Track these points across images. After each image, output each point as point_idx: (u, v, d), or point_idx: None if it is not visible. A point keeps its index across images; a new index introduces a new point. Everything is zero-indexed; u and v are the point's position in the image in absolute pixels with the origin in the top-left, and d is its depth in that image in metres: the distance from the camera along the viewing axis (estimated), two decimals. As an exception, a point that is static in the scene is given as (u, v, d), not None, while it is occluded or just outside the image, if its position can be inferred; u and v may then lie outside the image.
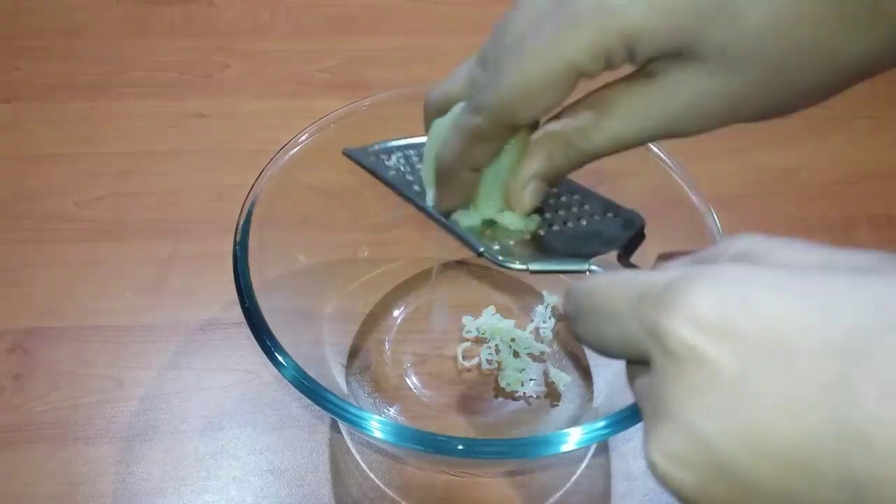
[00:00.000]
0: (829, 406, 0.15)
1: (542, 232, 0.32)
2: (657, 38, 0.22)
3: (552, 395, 0.46)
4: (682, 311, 0.17)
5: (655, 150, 0.43)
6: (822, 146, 0.64)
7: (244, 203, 0.39)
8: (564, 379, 0.46)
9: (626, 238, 0.30)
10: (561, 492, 0.43)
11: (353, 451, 0.44)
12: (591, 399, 0.45)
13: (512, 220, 0.31)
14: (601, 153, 0.27)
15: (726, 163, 0.62)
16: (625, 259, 0.29)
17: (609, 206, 0.32)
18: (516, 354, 0.47)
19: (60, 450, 0.43)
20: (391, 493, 0.42)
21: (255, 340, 0.34)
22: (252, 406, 0.46)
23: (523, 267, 0.29)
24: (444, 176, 0.30)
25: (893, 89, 0.68)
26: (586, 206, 0.33)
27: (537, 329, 0.49)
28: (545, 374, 0.47)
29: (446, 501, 0.42)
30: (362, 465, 0.43)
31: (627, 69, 0.25)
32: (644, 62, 0.24)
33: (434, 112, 0.31)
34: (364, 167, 0.37)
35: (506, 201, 0.30)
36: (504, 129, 0.27)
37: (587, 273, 0.29)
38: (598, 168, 0.32)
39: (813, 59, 0.22)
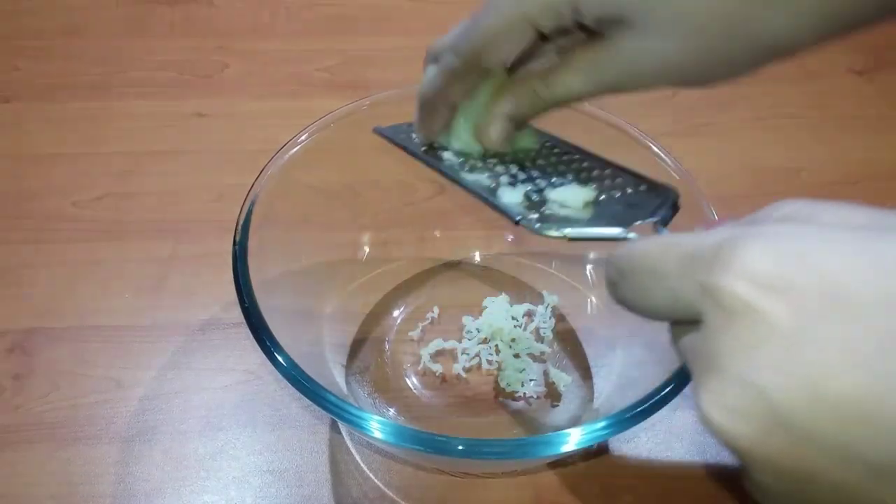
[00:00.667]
0: (889, 356, 0.15)
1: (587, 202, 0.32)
2: (595, 2, 0.27)
3: (552, 395, 0.46)
4: (737, 267, 0.17)
5: (656, 149, 0.43)
6: (822, 146, 0.63)
7: (244, 203, 0.39)
8: (565, 379, 0.46)
9: (663, 208, 0.30)
10: (561, 493, 0.43)
11: (353, 451, 0.44)
12: (591, 399, 0.45)
13: (571, 194, 0.32)
14: (559, 101, 0.31)
15: (726, 163, 0.62)
16: (662, 227, 0.29)
17: (642, 180, 0.33)
18: (516, 355, 0.47)
19: (60, 450, 0.43)
20: (391, 494, 0.42)
21: (254, 340, 0.34)
22: (252, 406, 0.46)
23: (560, 234, 0.29)
24: (424, 108, 0.36)
25: (894, 89, 0.68)
26: (619, 180, 0.33)
27: (537, 329, 0.49)
28: (545, 374, 0.47)
29: (446, 502, 0.42)
30: (362, 465, 0.43)
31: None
32: (594, 25, 0.28)
33: (430, 59, 0.35)
34: (396, 143, 0.39)
35: (475, 136, 0.35)
36: (474, 69, 0.32)
37: (625, 240, 0.28)
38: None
39: (732, 30, 0.25)
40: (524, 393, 0.46)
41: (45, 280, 0.52)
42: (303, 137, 0.43)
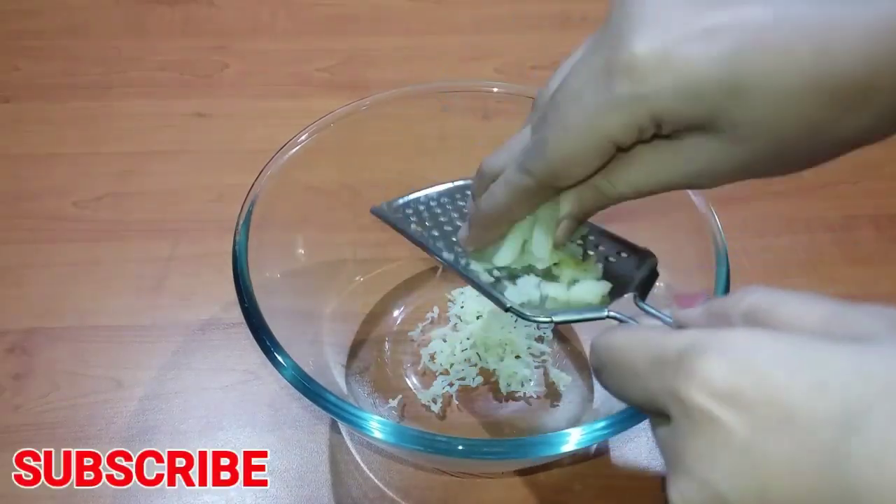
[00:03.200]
0: (828, 470, 0.17)
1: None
2: (680, 117, 0.25)
3: (552, 395, 0.46)
4: (697, 380, 0.19)
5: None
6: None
7: (244, 203, 0.39)
8: (565, 379, 0.46)
9: (639, 279, 0.32)
10: (561, 493, 0.43)
11: (353, 451, 0.44)
12: (591, 399, 0.45)
13: (587, 291, 0.33)
14: (623, 198, 0.30)
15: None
16: (640, 300, 0.31)
17: (622, 245, 0.34)
18: (516, 355, 0.47)
19: (60, 450, 0.43)
20: (391, 494, 0.42)
21: (254, 340, 0.34)
22: (251, 406, 0.46)
23: (547, 319, 0.31)
24: (484, 225, 0.33)
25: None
26: (601, 248, 0.35)
27: (538, 329, 0.49)
28: (545, 374, 0.47)
29: (446, 502, 0.42)
30: (362, 465, 0.43)
31: None
32: (669, 132, 0.27)
33: (488, 177, 0.33)
34: (393, 226, 0.38)
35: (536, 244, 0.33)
36: (549, 189, 0.30)
37: (606, 318, 0.30)
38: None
39: (811, 135, 0.25)
40: (524, 393, 0.46)
41: (45, 280, 0.52)
42: (303, 137, 0.43)
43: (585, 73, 0.27)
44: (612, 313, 0.30)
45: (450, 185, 0.40)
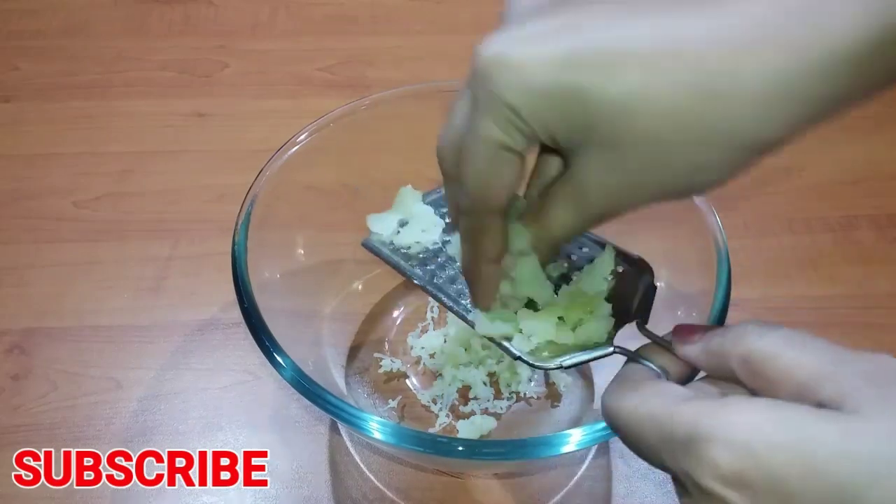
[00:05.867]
0: None
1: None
2: (540, 117, 0.25)
3: (553, 395, 0.46)
4: (706, 466, 0.21)
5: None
6: (822, 146, 0.63)
7: (243, 203, 0.39)
8: (565, 380, 0.46)
9: (639, 301, 0.32)
10: (561, 493, 0.43)
11: (353, 452, 0.44)
12: (591, 400, 0.45)
13: (594, 328, 0.32)
14: (561, 239, 0.29)
15: (727, 162, 0.61)
16: (643, 327, 0.31)
17: (618, 259, 0.33)
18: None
19: (60, 450, 0.43)
20: (391, 495, 0.42)
21: (254, 341, 0.34)
22: (251, 406, 0.46)
23: (556, 365, 0.31)
24: (469, 275, 0.32)
25: (894, 89, 0.68)
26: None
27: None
28: (546, 374, 0.47)
29: (446, 503, 0.42)
30: (362, 466, 0.43)
31: None
32: (563, 150, 0.27)
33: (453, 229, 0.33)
34: (383, 258, 0.37)
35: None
36: (488, 214, 0.29)
37: (613, 354, 0.30)
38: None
39: (678, 130, 0.24)
40: (524, 393, 0.46)
41: (45, 280, 0.52)
42: (302, 137, 0.43)
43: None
44: (618, 349, 0.30)
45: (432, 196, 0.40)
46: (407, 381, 0.47)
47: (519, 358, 0.31)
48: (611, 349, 0.31)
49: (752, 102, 0.23)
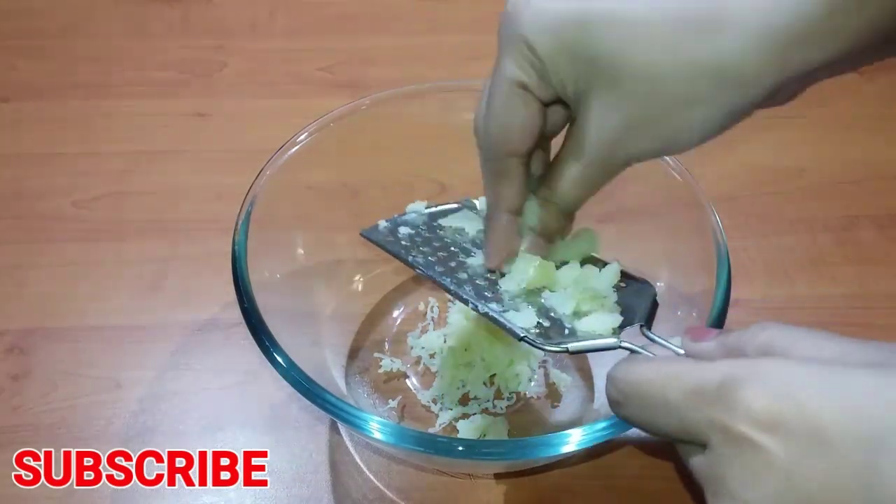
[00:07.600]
0: (861, 487, 0.19)
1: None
2: (552, 52, 0.28)
3: (553, 395, 0.46)
4: (741, 410, 0.21)
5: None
6: (823, 145, 0.63)
7: (243, 203, 0.39)
8: (565, 380, 0.46)
9: (644, 309, 0.33)
10: (561, 493, 0.42)
11: (353, 452, 0.44)
12: (591, 400, 0.45)
13: (600, 323, 0.32)
14: (568, 200, 0.32)
15: (727, 163, 0.61)
16: (646, 329, 0.31)
17: (621, 277, 0.34)
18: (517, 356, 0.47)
19: (60, 450, 0.43)
20: (391, 495, 0.42)
21: (254, 341, 0.34)
22: (251, 406, 0.46)
23: (563, 349, 0.31)
24: (487, 227, 0.34)
25: (894, 89, 0.68)
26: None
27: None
28: (546, 374, 0.47)
29: (446, 503, 0.42)
30: (362, 466, 0.43)
31: None
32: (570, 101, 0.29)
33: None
34: (383, 248, 0.38)
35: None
36: (507, 157, 0.31)
37: (619, 348, 0.30)
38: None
39: (676, 66, 0.26)
40: (524, 393, 0.46)
41: (44, 280, 0.52)
42: (302, 137, 0.43)
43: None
44: (624, 343, 0.30)
45: (434, 209, 0.41)
46: (407, 381, 0.46)
47: (524, 339, 0.31)
48: (616, 341, 0.31)
49: (735, 36, 0.25)
